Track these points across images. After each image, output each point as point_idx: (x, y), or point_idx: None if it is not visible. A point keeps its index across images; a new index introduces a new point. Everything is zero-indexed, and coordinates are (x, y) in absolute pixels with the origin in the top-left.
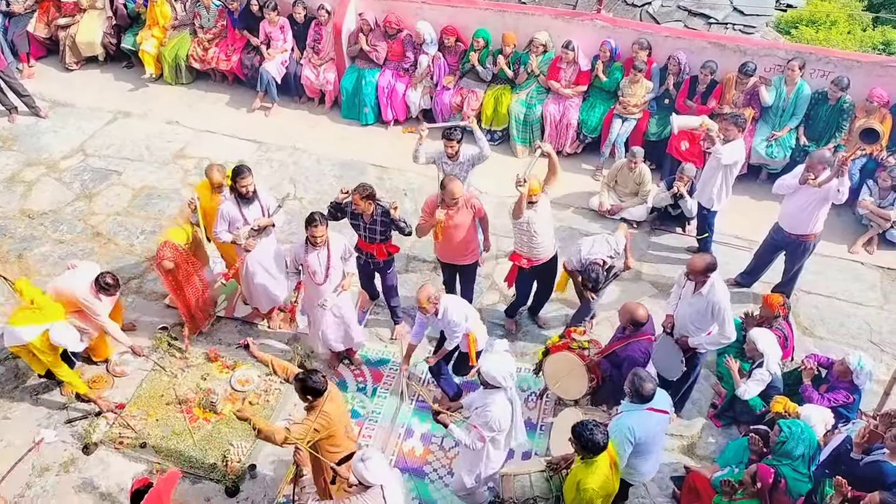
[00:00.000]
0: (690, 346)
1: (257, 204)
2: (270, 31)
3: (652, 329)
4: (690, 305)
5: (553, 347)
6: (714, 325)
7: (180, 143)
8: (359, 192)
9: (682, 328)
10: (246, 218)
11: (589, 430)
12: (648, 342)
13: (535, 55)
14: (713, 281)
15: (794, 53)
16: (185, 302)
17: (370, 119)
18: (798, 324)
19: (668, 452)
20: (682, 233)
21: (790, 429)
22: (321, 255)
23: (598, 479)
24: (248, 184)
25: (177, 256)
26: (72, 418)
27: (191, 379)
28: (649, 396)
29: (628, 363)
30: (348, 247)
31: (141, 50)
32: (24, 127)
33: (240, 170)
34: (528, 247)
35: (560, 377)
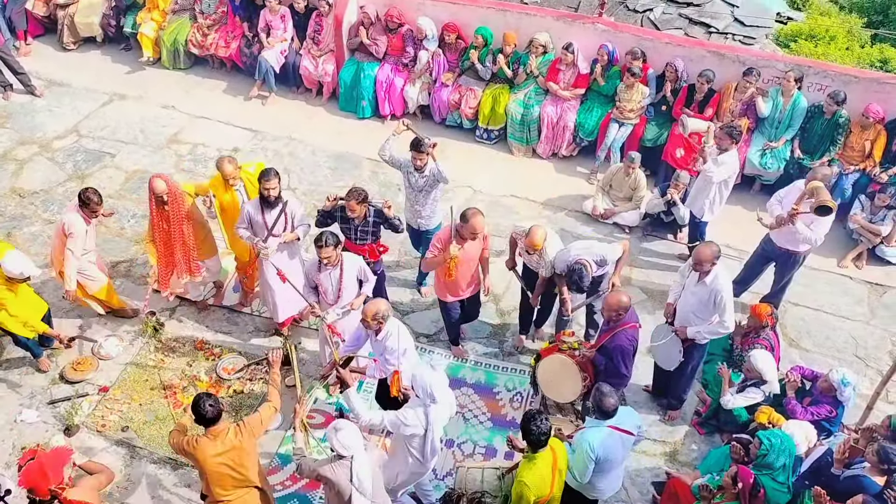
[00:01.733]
0: (689, 336)
1: (280, 209)
2: (271, 19)
3: (635, 318)
4: (693, 295)
5: (544, 352)
6: (715, 315)
7: (175, 128)
8: (354, 197)
9: (682, 318)
10: (266, 222)
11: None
12: (634, 329)
13: (534, 56)
14: (717, 271)
15: (792, 66)
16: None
17: (367, 113)
18: (784, 335)
19: (650, 457)
20: (674, 240)
21: (770, 441)
22: (333, 275)
23: (534, 475)
24: (273, 187)
25: (172, 190)
26: (54, 399)
27: (176, 365)
28: (610, 412)
29: (617, 353)
30: (365, 269)
31: (140, 33)
32: (19, 105)
33: (266, 172)
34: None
35: (553, 380)
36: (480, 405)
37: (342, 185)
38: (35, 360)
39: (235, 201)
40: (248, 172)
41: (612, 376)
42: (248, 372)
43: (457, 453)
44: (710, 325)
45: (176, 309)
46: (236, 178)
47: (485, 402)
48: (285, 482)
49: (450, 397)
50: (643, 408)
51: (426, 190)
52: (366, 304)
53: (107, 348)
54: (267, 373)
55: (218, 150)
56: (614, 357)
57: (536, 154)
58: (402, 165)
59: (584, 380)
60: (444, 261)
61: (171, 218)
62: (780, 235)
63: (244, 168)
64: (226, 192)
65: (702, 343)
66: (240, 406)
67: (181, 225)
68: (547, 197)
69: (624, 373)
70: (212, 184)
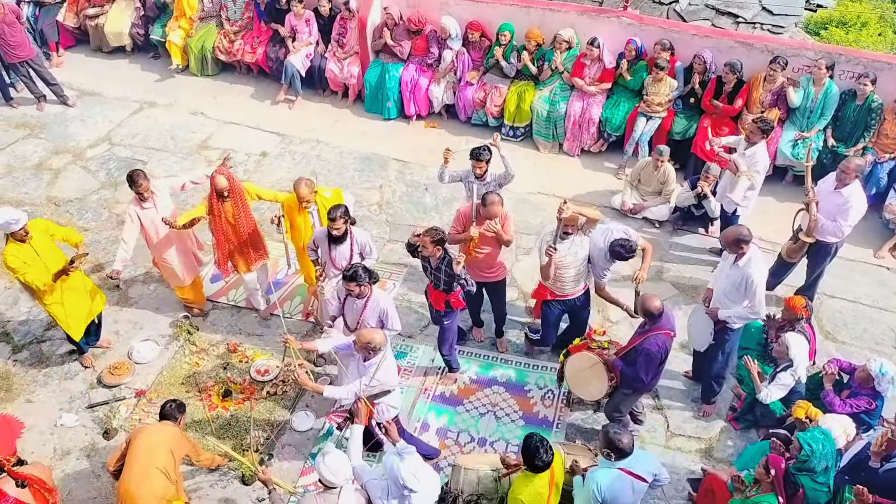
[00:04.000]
0: (720, 318)
1: (347, 245)
2: (296, 24)
3: (670, 325)
4: (728, 277)
5: (573, 348)
6: (745, 299)
7: (204, 134)
8: (430, 235)
9: (716, 300)
10: (333, 258)
11: (535, 449)
12: (666, 337)
13: (559, 51)
14: (751, 255)
15: (822, 54)
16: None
17: (393, 113)
18: (821, 328)
19: (685, 454)
20: (706, 234)
21: (811, 447)
22: (357, 306)
23: (530, 493)
24: (338, 227)
25: (233, 184)
26: (93, 403)
27: (210, 368)
28: (624, 451)
29: (643, 357)
30: (388, 313)
31: (168, 41)
32: (52, 115)
33: (332, 213)
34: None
35: (580, 377)
36: (512, 403)
37: (369, 185)
38: (80, 355)
39: (308, 224)
40: (324, 197)
41: (631, 381)
42: (282, 374)
43: (489, 451)
44: (740, 308)
45: (209, 313)
46: (310, 202)
47: (516, 400)
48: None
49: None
50: (677, 403)
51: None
52: (363, 330)
53: (143, 352)
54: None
55: (247, 155)
56: (639, 360)
57: (563, 150)
58: (462, 178)
59: (611, 380)
60: (464, 240)
61: (233, 213)
62: None
63: (320, 192)
64: (299, 213)
65: (733, 328)
66: (273, 408)
67: (241, 219)
68: (574, 193)
69: (643, 378)
70: (287, 204)
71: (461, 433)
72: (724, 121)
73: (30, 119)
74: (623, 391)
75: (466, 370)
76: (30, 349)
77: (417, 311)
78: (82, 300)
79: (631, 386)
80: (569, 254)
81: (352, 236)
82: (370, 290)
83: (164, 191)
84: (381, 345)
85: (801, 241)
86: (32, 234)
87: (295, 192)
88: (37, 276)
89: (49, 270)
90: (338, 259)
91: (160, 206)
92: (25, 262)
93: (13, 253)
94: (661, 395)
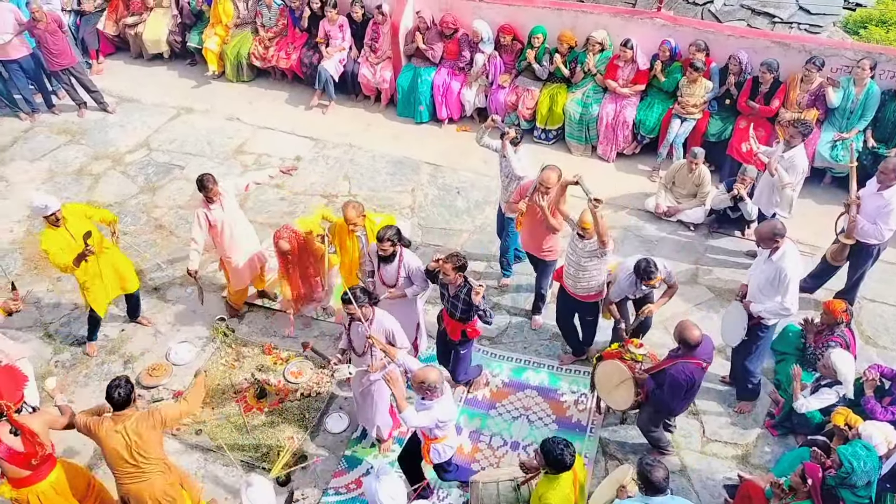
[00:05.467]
0: (753, 312)
1: (395, 266)
2: (329, 29)
3: (706, 355)
4: (762, 272)
5: (606, 354)
6: (778, 295)
7: (240, 139)
8: (451, 261)
9: (750, 294)
10: (383, 277)
11: (559, 449)
12: (696, 367)
13: (592, 54)
14: (785, 249)
15: (862, 53)
16: (292, 285)
17: (425, 117)
18: (861, 332)
19: (721, 460)
20: (741, 236)
21: (852, 463)
22: (361, 329)
23: (558, 495)
24: (385, 249)
25: (293, 240)
26: None
27: (246, 369)
28: (658, 487)
29: (668, 384)
30: (395, 333)
31: (205, 48)
32: (93, 122)
33: (381, 234)
34: (566, 268)
35: (608, 385)
36: (545, 407)
37: (401, 189)
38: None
39: (356, 247)
40: (373, 223)
41: (657, 401)
42: (316, 375)
43: (522, 455)
44: (772, 304)
45: (244, 315)
46: (357, 226)
47: (549, 403)
48: (349, 485)
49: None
50: (713, 409)
51: (513, 178)
52: (420, 369)
53: (180, 354)
54: (332, 375)
55: (281, 160)
56: (665, 386)
57: (595, 153)
58: (497, 148)
59: (637, 395)
60: (515, 211)
61: (298, 265)
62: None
63: (370, 217)
64: (347, 236)
65: (767, 324)
66: (307, 408)
67: (307, 269)
68: (608, 196)
69: (669, 404)
70: (337, 225)
71: (493, 437)
72: (761, 122)
73: (71, 125)
74: (648, 409)
75: (499, 374)
76: (71, 350)
77: None
78: (110, 281)
79: (656, 407)
80: (578, 254)
81: (401, 258)
82: (372, 311)
83: (230, 191)
84: (436, 383)
85: (841, 242)
86: (67, 218)
87: (343, 216)
88: (62, 256)
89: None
90: (386, 277)
91: (227, 206)
92: (58, 246)
93: (48, 237)
94: (696, 400)
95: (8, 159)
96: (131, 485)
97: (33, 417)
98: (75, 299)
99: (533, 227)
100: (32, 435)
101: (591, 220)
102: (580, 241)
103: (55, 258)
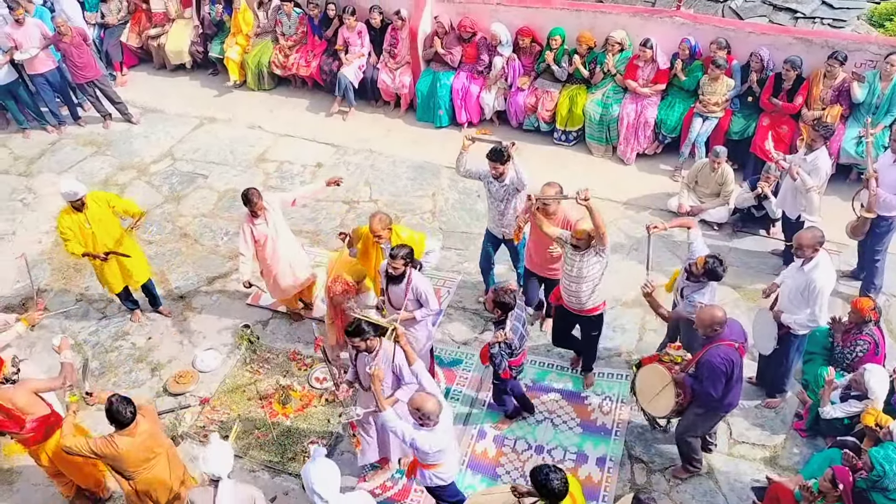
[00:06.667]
0: (783, 321)
1: (403, 287)
2: (348, 36)
3: (735, 335)
4: (793, 280)
5: (645, 360)
6: (807, 307)
7: (262, 147)
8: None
9: (780, 303)
10: (390, 297)
11: (544, 475)
12: (730, 348)
13: (611, 54)
14: (819, 261)
15: (888, 48)
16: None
17: (444, 121)
18: (890, 331)
19: (749, 462)
20: (767, 235)
21: (884, 467)
22: (367, 360)
23: None
24: (395, 267)
25: (346, 290)
26: (160, 411)
27: (272, 375)
28: None
29: (707, 370)
30: (402, 365)
31: (226, 57)
32: (118, 133)
33: (394, 251)
34: (564, 285)
35: (648, 391)
36: (569, 410)
37: (421, 193)
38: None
39: (379, 258)
40: (400, 237)
41: (702, 398)
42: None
43: (547, 459)
44: (801, 316)
45: (268, 322)
46: (383, 238)
47: (573, 407)
48: (374, 491)
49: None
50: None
51: (506, 199)
52: (416, 395)
53: (206, 361)
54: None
55: (302, 167)
56: (703, 375)
57: (616, 154)
58: (481, 176)
59: (678, 396)
60: (518, 226)
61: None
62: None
63: (397, 231)
64: (372, 246)
65: (797, 334)
66: (332, 413)
67: None
68: (629, 196)
69: (712, 394)
70: (364, 233)
71: (518, 441)
72: (784, 119)
73: (97, 137)
74: (695, 410)
75: (522, 378)
76: (99, 359)
77: (472, 317)
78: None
79: (703, 404)
80: (576, 267)
81: (409, 280)
82: (379, 343)
83: (276, 204)
84: (431, 413)
85: (862, 217)
86: (90, 205)
87: (369, 226)
88: (76, 245)
89: (91, 242)
90: (393, 298)
91: (271, 220)
92: (72, 230)
93: (64, 219)
94: None
95: (36, 171)
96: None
97: (15, 389)
98: (103, 308)
99: (538, 247)
100: (6, 410)
101: (584, 228)
102: (577, 253)
103: (68, 242)
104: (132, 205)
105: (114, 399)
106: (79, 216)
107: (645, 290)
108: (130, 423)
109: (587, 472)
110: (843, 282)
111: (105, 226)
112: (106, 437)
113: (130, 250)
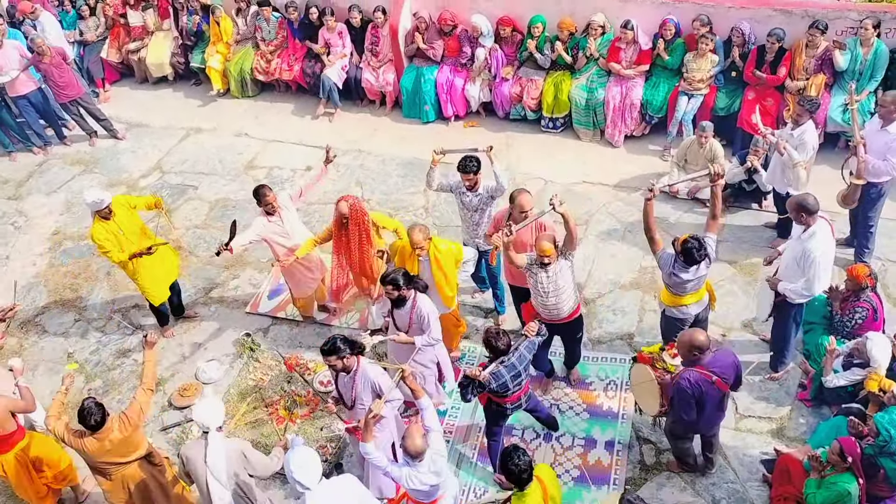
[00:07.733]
0: (779, 290)
1: (407, 311)
2: (329, 37)
3: (716, 367)
4: (791, 249)
5: (640, 356)
6: (801, 277)
7: (250, 155)
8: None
9: (780, 271)
10: (395, 319)
11: (507, 457)
12: (704, 378)
13: (593, 38)
14: (815, 230)
15: (866, 14)
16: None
17: (431, 116)
18: (888, 296)
19: (757, 435)
20: (759, 208)
21: (889, 431)
22: (346, 380)
23: None
24: (390, 294)
25: (355, 209)
26: (166, 426)
27: (276, 382)
28: None
29: (676, 392)
30: (382, 382)
31: (208, 67)
32: (104, 149)
33: (382, 277)
34: (539, 303)
35: (637, 389)
36: (574, 397)
37: (413, 190)
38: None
39: (415, 271)
40: (438, 248)
41: (675, 411)
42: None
43: (556, 447)
44: (795, 285)
45: (269, 329)
46: (422, 249)
47: (579, 393)
48: None
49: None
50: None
51: (481, 208)
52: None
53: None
54: None
55: (292, 171)
56: (673, 402)
57: (604, 137)
58: (452, 188)
59: (661, 406)
60: (496, 246)
61: (351, 237)
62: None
63: (435, 242)
64: (409, 259)
65: (791, 303)
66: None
67: (361, 245)
68: (620, 179)
69: (682, 416)
70: (400, 248)
71: (526, 430)
72: (769, 92)
73: (84, 155)
74: (673, 419)
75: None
76: (102, 377)
77: (472, 310)
78: (161, 266)
79: (674, 417)
80: (551, 282)
81: (415, 303)
82: (356, 361)
83: (288, 202)
84: (416, 452)
85: (853, 185)
86: (115, 211)
87: (409, 237)
88: (117, 253)
89: (129, 247)
90: (398, 321)
91: (286, 218)
92: (109, 239)
93: (98, 230)
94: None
95: (25, 194)
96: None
97: None
98: (102, 327)
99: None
100: None
101: (550, 246)
102: (547, 270)
103: (108, 252)
104: (148, 197)
105: (86, 401)
106: (110, 224)
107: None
108: (96, 429)
109: (597, 457)
110: (837, 250)
111: (133, 228)
112: (77, 434)
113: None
